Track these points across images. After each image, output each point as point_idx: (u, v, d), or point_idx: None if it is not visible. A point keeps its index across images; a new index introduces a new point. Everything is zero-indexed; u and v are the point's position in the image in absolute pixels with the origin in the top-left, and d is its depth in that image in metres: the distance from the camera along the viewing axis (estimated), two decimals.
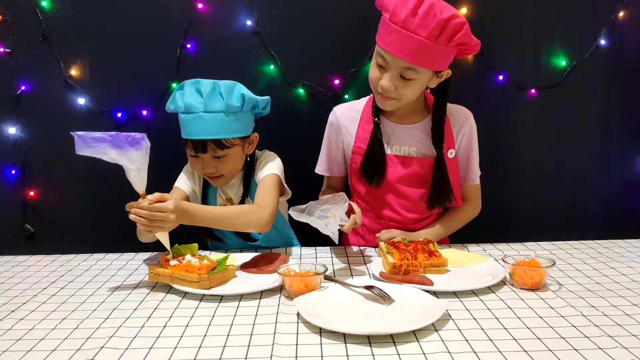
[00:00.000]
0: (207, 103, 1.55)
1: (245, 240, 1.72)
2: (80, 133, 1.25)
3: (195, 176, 1.74)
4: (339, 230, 1.42)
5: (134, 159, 1.29)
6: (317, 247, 1.70)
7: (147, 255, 1.64)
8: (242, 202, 1.72)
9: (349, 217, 1.44)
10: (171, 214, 1.34)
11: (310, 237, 1.81)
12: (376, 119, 1.67)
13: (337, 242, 1.43)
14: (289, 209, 1.41)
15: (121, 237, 2.07)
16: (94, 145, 1.26)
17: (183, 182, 1.71)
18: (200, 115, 1.55)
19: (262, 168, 1.70)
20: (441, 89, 1.63)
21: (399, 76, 1.53)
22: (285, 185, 1.70)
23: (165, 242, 1.40)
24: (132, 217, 1.33)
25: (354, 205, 1.50)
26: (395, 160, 1.68)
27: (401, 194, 1.69)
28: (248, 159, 1.72)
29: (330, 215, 1.39)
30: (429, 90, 1.70)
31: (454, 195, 1.68)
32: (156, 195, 1.35)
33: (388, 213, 1.72)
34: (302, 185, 1.79)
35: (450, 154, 1.68)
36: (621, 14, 2.06)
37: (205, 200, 1.73)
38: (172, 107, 1.62)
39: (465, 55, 1.58)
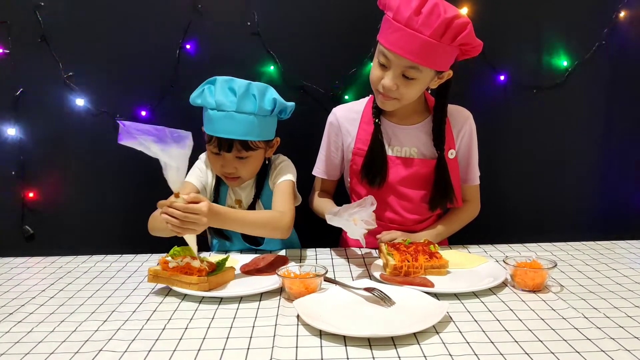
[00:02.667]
0: (240, 103, 1.53)
1: (250, 244, 1.72)
2: (126, 122, 1.21)
3: (210, 172, 1.72)
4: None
5: (175, 157, 1.24)
6: (317, 249, 1.69)
7: (146, 257, 1.63)
8: (252, 204, 1.71)
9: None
10: (204, 217, 1.31)
11: (311, 238, 1.81)
12: (377, 120, 1.67)
13: (364, 245, 1.41)
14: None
15: (120, 239, 2.08)
16: (137, 136, 1.22)
17: (195, 177, 1.69)
18: (232, 115, 1.53)
19: (277, 173, 1.70)
20: (442, 91, 1.64)
21: (401, 75, 1.53)
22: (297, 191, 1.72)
23: (193, 244, 1.36)
24: (163, 216, 1.30)
25: None
26: (396, 161, 1.67)
27: (402, 195, 1.69)
28: (267, 162, 1.71)
29: (351, 220, 1.37)
30: (429, 92, 1.69)
31: (456, 196, 1.68)
32: (192, 195, 1.32)
33: (389, 214, 1.71)
34: (302, 187, 1.79)
35: (451, 154, 1.67)
36: (622, 14, 2.05)
37: (216, 198, 1.72)
38: (200, 101, 1.58)
39: (467, 56, 1.58)
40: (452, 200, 1.67)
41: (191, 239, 1.35)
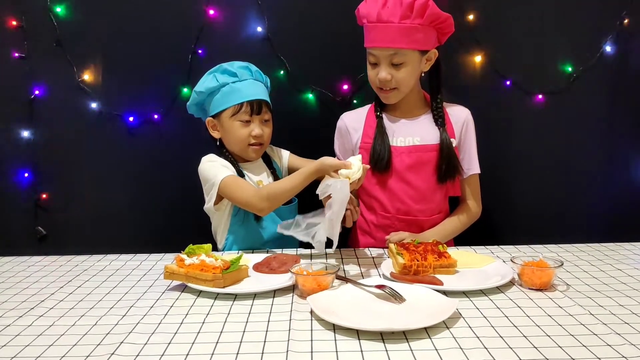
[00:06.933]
0: (255, 75, 1.76)
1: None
2: None
3: (230, 164, 1.77)
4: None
5: None
6: (327, 249, 1.71)
7: (160, 256, 1.66)
8: (275, 180, 1.80)
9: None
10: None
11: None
12: (378, 113, 1.79)
13: (323, 252, 1.47)
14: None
15: (132, 240, 2.11)
16: None
17: (230, 171, 1.71)
18: (253, 82, 1.74)
19: (279, 155, 1.90)
20: (434, 73, 1.78)
21: (390, 65, 1.69)
22: None
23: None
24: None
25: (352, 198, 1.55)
26: (400, 150, 1.76)
27: (408, 184, 1.76)
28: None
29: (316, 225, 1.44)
30: (423, 75, 1.79)
31: (460, 166, 1.77)
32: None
33: (396, 204, 1.77)
34: (309, 189, 1.81)
35: (452, 142, 1.76)
36: (626, 21, 2.09)
37: None
38: (213, 84, 1.70)
39: (445, 34, 1.72)
40: (457, 168, 1.76)
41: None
